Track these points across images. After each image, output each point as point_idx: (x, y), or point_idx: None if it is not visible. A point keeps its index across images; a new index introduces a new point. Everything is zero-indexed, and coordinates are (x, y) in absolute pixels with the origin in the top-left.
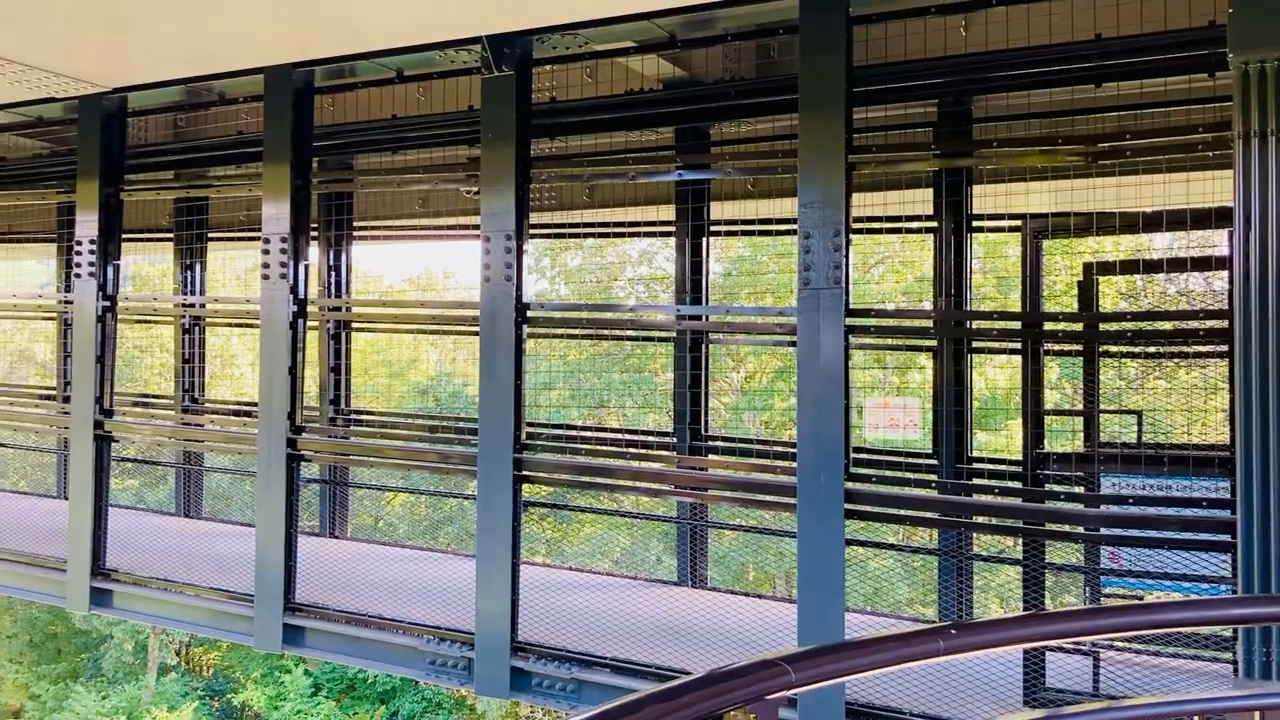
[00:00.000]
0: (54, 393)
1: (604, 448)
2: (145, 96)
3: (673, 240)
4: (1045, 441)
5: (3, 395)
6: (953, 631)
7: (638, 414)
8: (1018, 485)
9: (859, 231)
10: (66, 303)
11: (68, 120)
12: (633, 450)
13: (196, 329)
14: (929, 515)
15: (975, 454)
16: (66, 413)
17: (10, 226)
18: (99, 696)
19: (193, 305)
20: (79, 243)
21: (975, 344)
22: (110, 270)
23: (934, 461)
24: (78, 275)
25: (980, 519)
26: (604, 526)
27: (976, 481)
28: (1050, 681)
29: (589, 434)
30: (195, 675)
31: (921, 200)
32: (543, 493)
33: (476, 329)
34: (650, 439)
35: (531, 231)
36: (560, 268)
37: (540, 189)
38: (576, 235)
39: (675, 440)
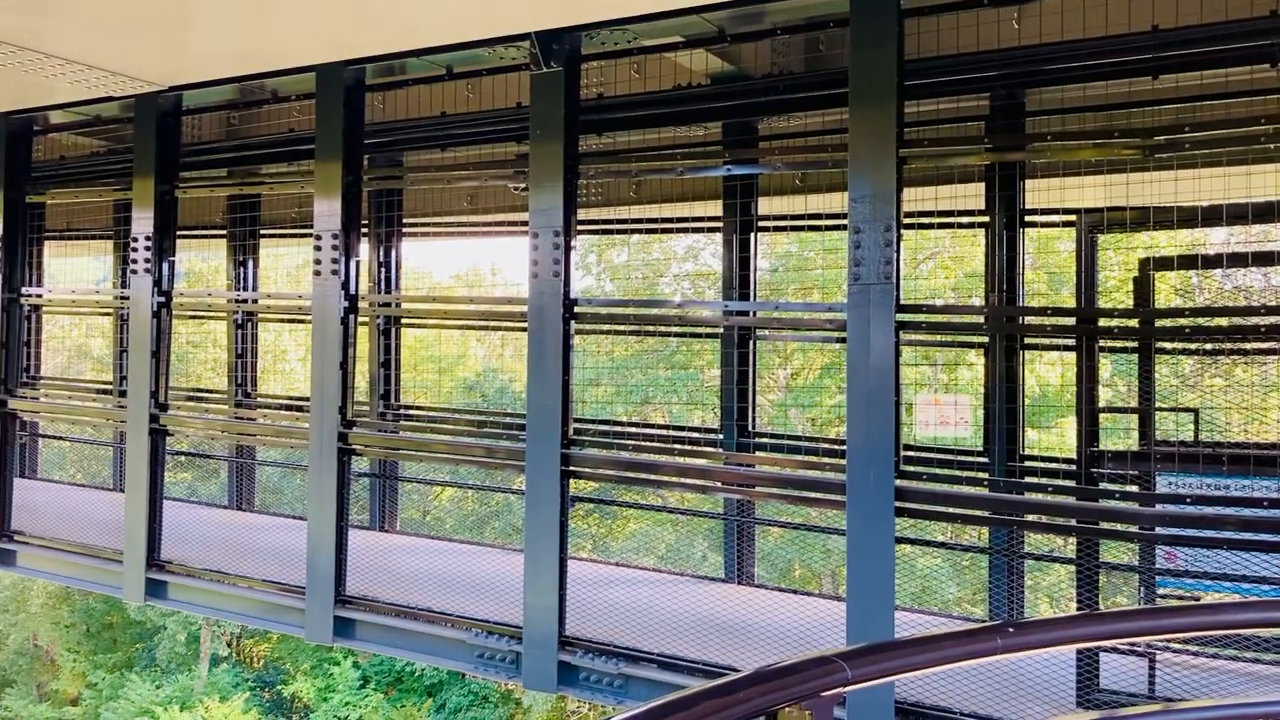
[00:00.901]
0: (110, 387)
1: (651, 444)
2: (199, 95)
3: (718, 236)
4: (1099, 439)
5: (61, 390)
6: (1010, 630)
7: (683, 410)
8: (1071, 484)
9: (910, 226)
10: (123, 298)
11: (124, 119)
12: (679, 447)
13: (249, 324)
14: (981, 514)
15: (1027, 452)
16: (123, 406)
17: (69, 224)
18: (153, 686)
19: (245, 301)
20: (135, 239)
21: (1028, 340)
22: (165, 266)
23: (985, 459)
24: (134, 271)
25: (1033, 518)
26: (649, 523)
27: (1029, 480)
28: (1104, 683)
29: (635, 429)
30: (246, 666)
31: (973, 195)
32: (588, 488)
33: (524, 325)
34: (696, 435)
35: (578, 227)
36: (606, 264)
37: (587, 185)
38: (624, 231)
39: (721, 437)
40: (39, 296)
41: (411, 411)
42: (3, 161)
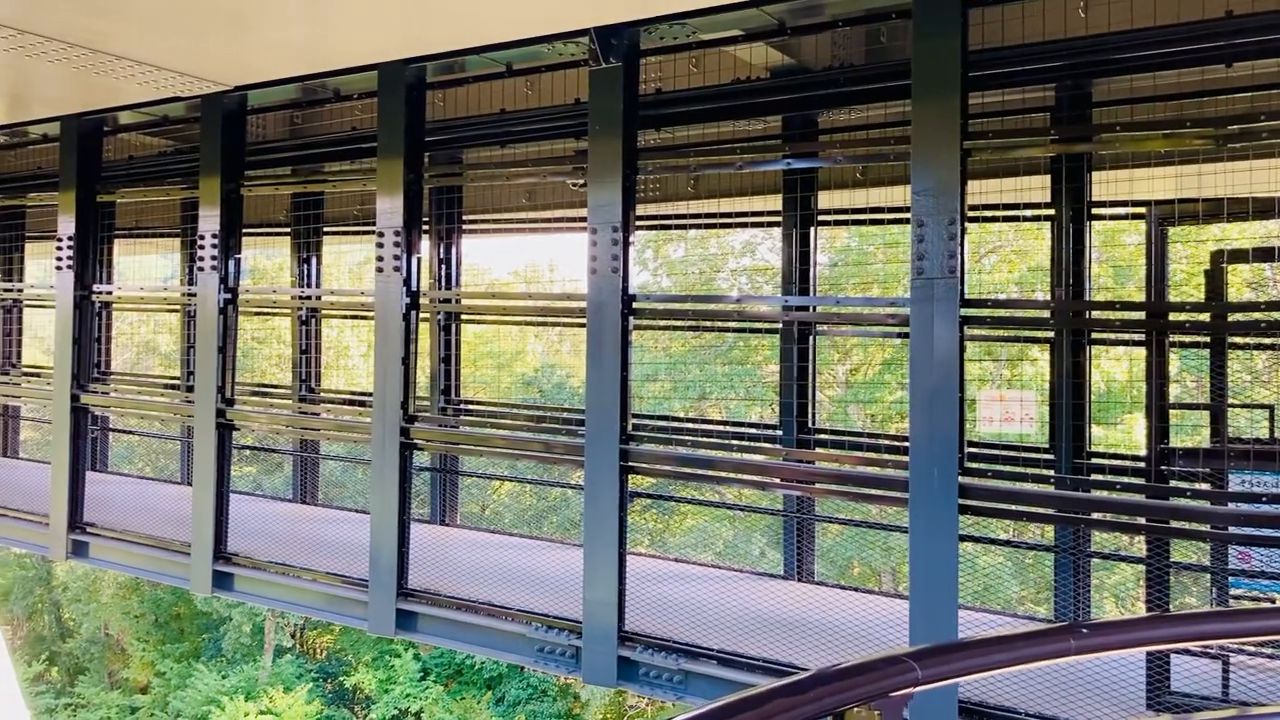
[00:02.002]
0: (177, 382)
1: (710, 440)
2: (264, 94)
3: (776, 231)
4: (1169, 436)
5: (130, 385)
6: (1084, 631)
7: (740, 407)
8: (1141, 481)
9: (973, 220)
10: (190, 295)
11: (191, 119)
12: (738, 443)
13: (313, 320)
14: (1047, 512)
15: (1093, 449)
16: (190, 402)
17: (137, 222)
18: (219, 676)
19: (310, 297)
20: (202, 237)
21: (1094, 335)
22: (231, 264)
23: (1050, 456)
24: (200, 269)
25: (1102, 516)
26: (706, 518)
27: (1096, 477)
28: (1175, 685)
29: (694, 425)
30: (309, 658)
31: (1038, 187)
32: (644, 484)
33: (581, 321)
34: (755, 432)
35: (636, 223)
36: (662, 259)
37: (645, 180)
38: (682, 226)
39: (781, 433)
40: (109, 294)
41: (471, 406)
42: (75, 162)
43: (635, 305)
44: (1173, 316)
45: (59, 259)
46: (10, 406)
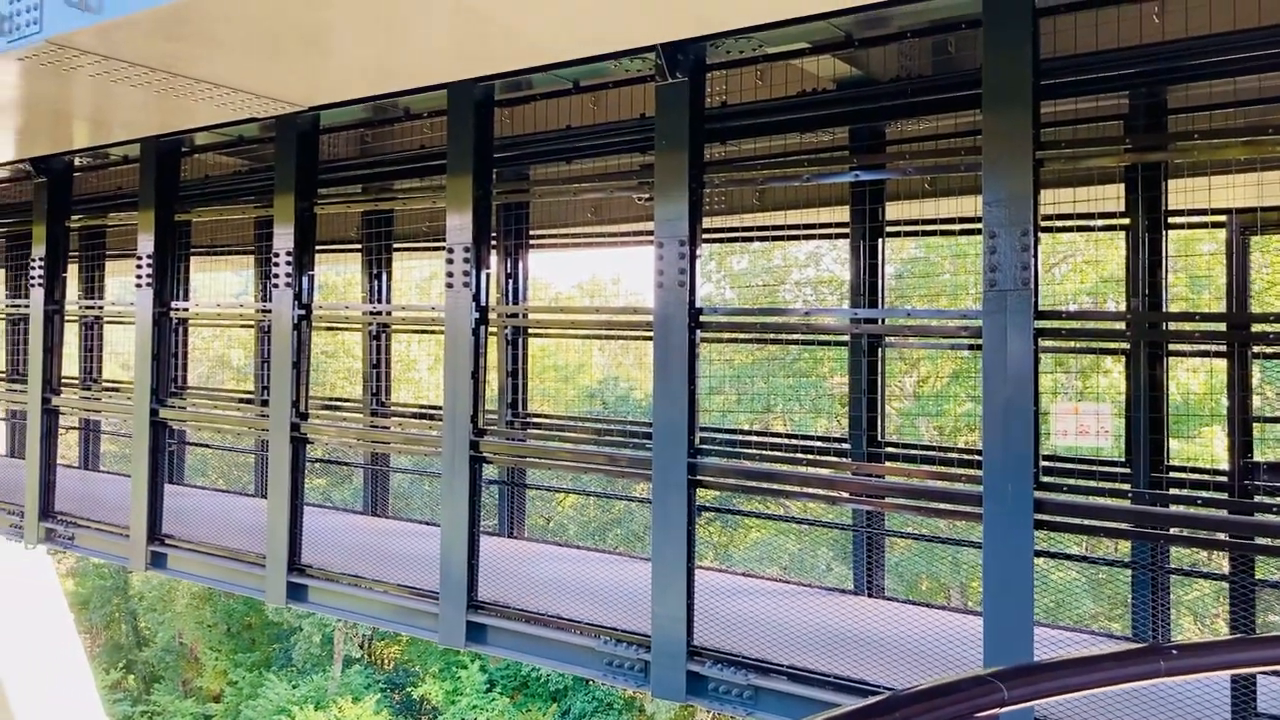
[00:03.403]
0: (251, 396)
1: (778, 453)
2: (336, 114)
3: (839, 242)
4: (1254, 450)
5: (205, 399)
6: (1174, 652)
7: (804, 419)
8: (1224, 496)
9: (1045, 229)
10: (265, 311)
11: (265, 139)
12: (809, 456)
13: (383, 335)
14: (1125, 527)
15: (1172, 462)
16: (265, 415)
17: (211, 240)
18: (289, 685)
19: (380, 313)
20: (276, 255)
21: (1172, 347)
22: (305, 280)
23: (1127, 470)
24: (275, 285)
25: (1183, 531)
26: (770, 532)
27: (1175, 492)
28: (1262, 706)
29: (761, 439)
30: (377, 668)
31: (1112, 197)
32: (708, 497)
33: (645, 334)
34: (823, 445)
35: (702, 236)
36: (726, 271)
37: (710, 193)
38: (748, 239)
39: (850, 446)
40: (186, 310)
41: (536, 419)
42: (154, 182)
43: (702, 319)
44: (1256, 327)
45: (139, 277)
46: (91, 420)
